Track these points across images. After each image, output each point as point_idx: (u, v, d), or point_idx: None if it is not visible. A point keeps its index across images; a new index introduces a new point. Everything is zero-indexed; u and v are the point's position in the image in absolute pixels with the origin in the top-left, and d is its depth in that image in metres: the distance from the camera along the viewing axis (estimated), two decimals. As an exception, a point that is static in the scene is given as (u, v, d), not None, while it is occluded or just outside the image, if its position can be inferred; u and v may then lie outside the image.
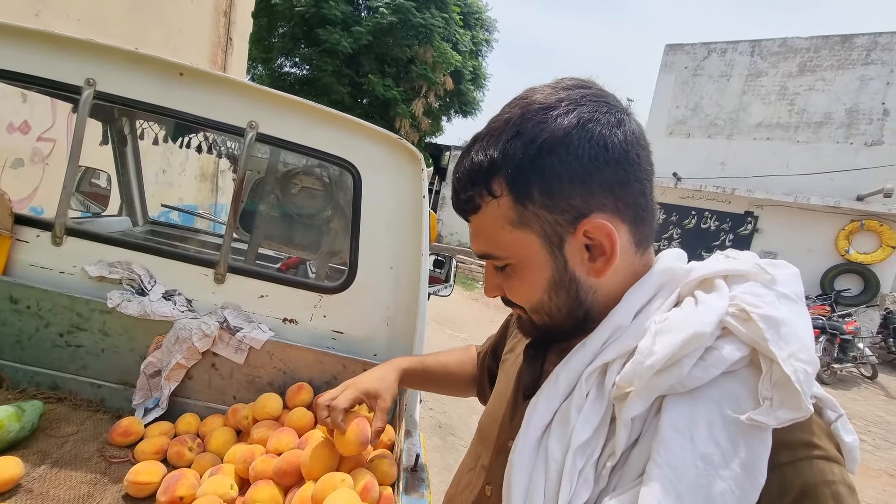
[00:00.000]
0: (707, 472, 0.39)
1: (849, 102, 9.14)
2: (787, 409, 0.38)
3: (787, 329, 0.41)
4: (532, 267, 0.50)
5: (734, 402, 0.41)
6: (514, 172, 0.46)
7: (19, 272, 1.22)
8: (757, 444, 0.39)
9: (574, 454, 0.45)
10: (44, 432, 1.08)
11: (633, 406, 0.43)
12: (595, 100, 0.47)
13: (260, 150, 1.57)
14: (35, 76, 1.16)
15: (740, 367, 0.42)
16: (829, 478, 0.39)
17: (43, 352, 1.20)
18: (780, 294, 0.45)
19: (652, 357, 0.42)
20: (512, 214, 0.48)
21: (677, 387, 0.42)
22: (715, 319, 0.43)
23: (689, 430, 0.40)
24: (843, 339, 6.54)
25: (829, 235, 9.06)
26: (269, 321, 1.28)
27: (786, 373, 0.39)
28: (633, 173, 0.48)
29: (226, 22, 4.84)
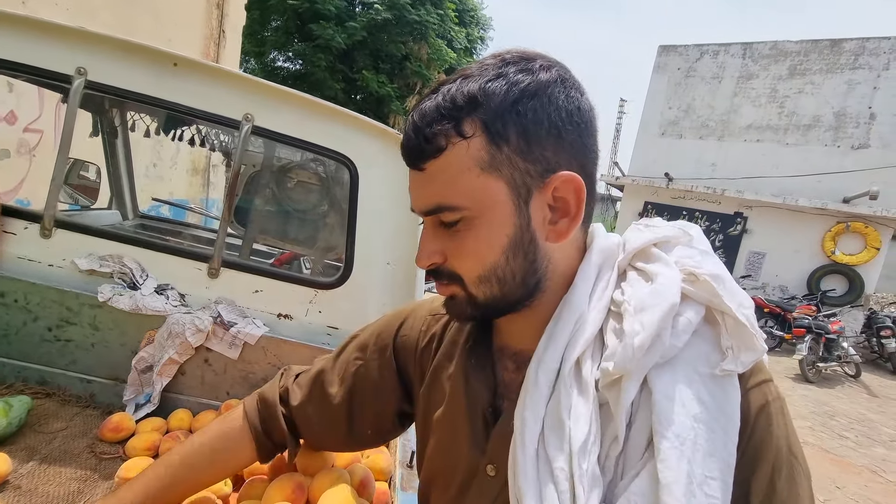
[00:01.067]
0: (700, 430, 0.41)
1: (837, 106, 9.28)
2: (747, 352, 0.43)
3: (730, 283, 0.45)
4: (493, 220, 0.46)
5: (704, 359, 0.44)
6: (493, 110, 0.43)
7: (6, 265, 1.19)
8: (730, 389, 0.43)
9: (578, 456, 0.44)
10: (32, 428, 1.06)
11: (628, 390, 0.43)
12: (566, 68, 0.48)
13: (254, 144, 1.55)
14: (24, 64, 1.14)
15: (700, 327, 0.46)
16: (770, 397, 0.46)
17: (31, 346, 1.18)
18: (702, 251, 0.49)
19: (639, 336, 0.43)
20: (484, 156, 0.44)
21: (660, 360, 0.44)
22: (678, 288, 0.45)
23: (679, 396, 0.42)
24: (828, 339, 6.65)
25: (816, 237, 9.20)
26: (263, 316, 1.26)
27: (740, 321, 0.43)
28: (593, 143, 0.48)
29: (219, 14, 4.77)
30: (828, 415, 5.16)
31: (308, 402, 0.71)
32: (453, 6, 13.86)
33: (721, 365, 0.43)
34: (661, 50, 11.23)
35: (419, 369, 0.66)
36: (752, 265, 9.90)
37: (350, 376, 0.70)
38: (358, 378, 0.70)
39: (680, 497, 0.39)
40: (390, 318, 0.73)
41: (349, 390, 0.70)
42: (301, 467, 0.88)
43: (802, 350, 6.28)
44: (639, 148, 11.51)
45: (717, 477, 0.41)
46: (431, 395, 0.62)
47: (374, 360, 0.69)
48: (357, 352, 0.71)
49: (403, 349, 0.68)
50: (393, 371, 0.68)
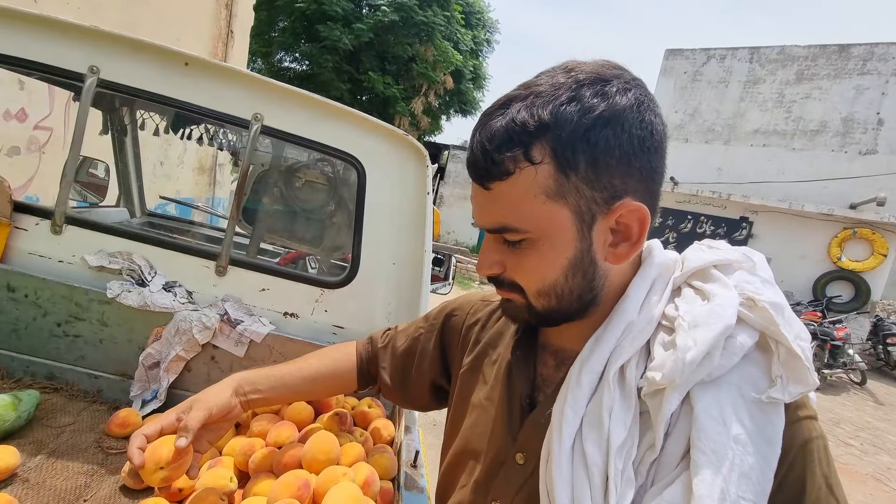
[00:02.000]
0: (739, 451, 0.42)
1: (844, 111, 9.23)
2: (797, 384, 0.43)
3: (788, 312, 0.45)
4: (556, 244, 0.47)
5: (751, 383, 0.45)
6: (564, 138, 0.43)
7: (17, 260, 1.21)
8: (774, 418, 0.44)
9: (615, 456, 0.45)
10: (40, 422, 1.06)
11: (671, 401, 0.44)
12: (644, 86, 0.47)
13: (263, 144, 1.56)
14: (38, 62, 1.15)
15: (751, 352, 0.46)
16: (814, 434, 0.45)
17: (40, 341, 1.19)
18: (763, 279, 0.49)
19: (691, 351, 0.43)
20: (550, 184, 0.44)
21: (706, 378, 0.44)
22: (735, 310, 0.45)
23: (721, 416, 0.43)
24: (833, 345, 6.60)
25: (822, 242, 9.14)
26: (269, 315, 1.27)
27: (795, 352, 0.43)
28: (662, 164, 0.48)
29: (227, 14, 4.80)
30: (832, 422, 5.12)
31: (384, 347, 0.83)
32: (460, 8, 13.88)
33: (768, 392, 0.43)
34: (667, 54, 11.21)
35: (461, 349, 0.71)
36: (757, 270, 9.84)
37: (411, 339, 0.80)
38: (414, 343, 0.79)
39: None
40: (454, 299, 0.81)
41: (406, 351, 0.80)
42: (306, 464, 0.89)
43: (807, 356, 6.24)
44: (644, 151, 11.46)
45: (751, 500, 0.41)
46: (472, 376, 0.66)
47: (429, 332, 0.78)
48: (423, 321, 0.81)
49: (451, 328, 0.75)
50: (437, 345, 0.76)
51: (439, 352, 0.76)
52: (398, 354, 0.81)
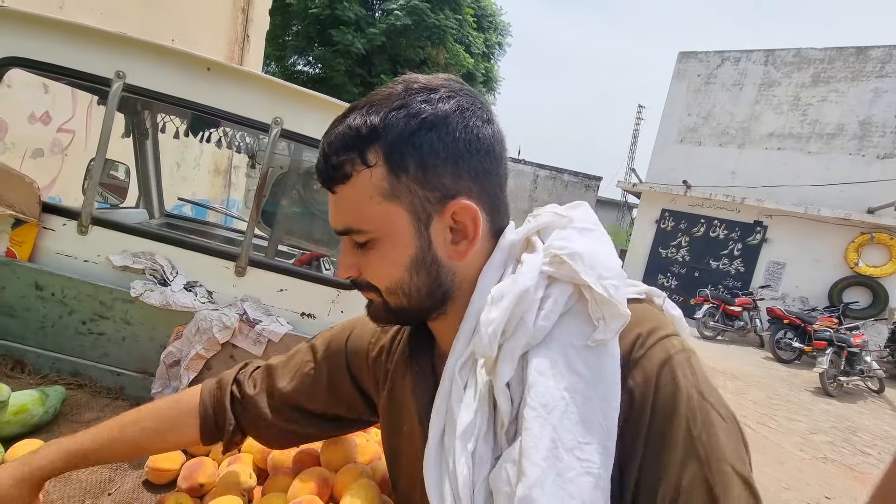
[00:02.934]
0: (575, 399, 0.43)
1: (862, 114, 9.07)
2: (614, 320, 0.45)
3: (588, 258, 0.47)
4: (396, 243, 0.50)
5: (578, 333, 0.46)
6: (392, 141, 0.47)
7: (45, 259, 1.24)
8: (606, 358, 0.45)
9: (460, 441, 0.47)
10: (66, 417, 1.09)
11: (502, 372, 0.46)
12: (469, 95, 0.50)
13: (280, 147, 1.59)
14: (67, 68, 1.19)
15: (573, 304, 0.48)
16: (672, 351, 0.46)
17: (65, 338, 1.22)
18: (580, 229, 0.51)
19: (492, 325, 0.46)
20: (384, 185, 0.48)
21: (531, 341, 0.46)
22: (534, 273, 0.47)
23: (551, 370, 0.45)
24: (850, 352, 6.47)
25: (839, 247, 8.99)
26: (287, 315, 1.29)
27: (600, 292, 0.45)
28: (496, 167, 0.51)
29: (243, 19, 4.88)
30: (849, 430, 5.02)
31: (257, 394, 0.73)
32: (472, 11, 13.92)
33: (592, 336, 0.45)
34: (680, 56, 11.12)
35: (373, 379, 0.69)
36: (771, 275, 9.70)
37: (299, 376, 0.73)
38: (307, 380, 0.72)
39: (539, 461, 0.42)
40: (339, 329, 0.76)
41: (293, 390, 0.72)
42: (325, 462, 0.90)
43: (823, 363, 6.12)
44: (657, 154, 11.40)
45: (594, 441, 0.43)
46: (392, 405, 0.65)
47: (324, 366, 0.72)
48: (308, 355, 0.74)
49: (356, 356, 0.71)
50: (346, 377, 0.71)
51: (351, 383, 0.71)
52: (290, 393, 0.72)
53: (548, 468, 0.41)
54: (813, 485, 3.51)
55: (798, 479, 3.55)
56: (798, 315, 7.71)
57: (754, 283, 9.69)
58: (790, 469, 3.72)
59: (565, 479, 0.41)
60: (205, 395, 0.75)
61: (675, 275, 10.74)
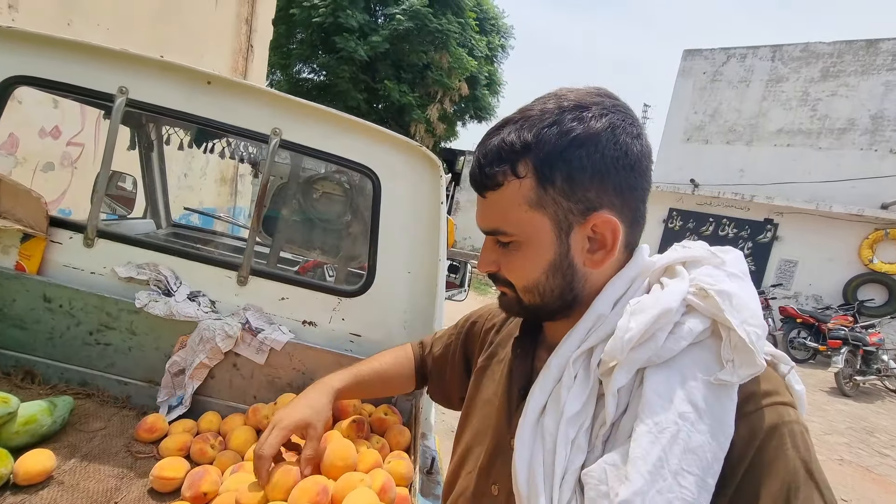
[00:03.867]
0: (685, 427, 0.45)
1: (873, 108, 8.93)
2: (746, 367, 0.46)
3: (737, 300, 0.48)
4: (537, 247, 0.54)
5: (703, 366, 0.48)
6: (543, 157, 0.50)
7: (53, 272, 1.27)
8: (725, 400, 0.46)
9: (566, 424, 0.51)
10: (74, 427, 1.12)
11: (617, 378, 0.49)
12: (621, 111, 0.53)
13: (281, 157, 1.61)
14: (72, 84, 1.22)
15: (705, 338, 0.49)
16: (787, 418, 0.46)
17: (73, 349, 1.25)
18: (729, 273, 0.52)
19: (629, 332, 0.48)
20: (532, 195, 0.52)
21: (654, 358, 0.48)
22: (679, 297, 0.50)
23: (668, 394, 0.46)
24: (866, 351, 6.36)
25: (853, 244, 8.84)
26: (289, 323, 1.31)
27: (740, 336, 0.46)
28: (641, 181, 0.54)
29: (247, 30, 4.95)
30: (866, 431, 4.92)
31: (429, 354, 0.95)
32: (474, 15, 13.95)
33: (717, 374, 0.46)
34: (685, 54, 11.05)
35: (479, 346, 0.80)
36: (783, 273, 9.57)
37: (444, 346, 0.91)
38: (446, 350, 0.91)
39: (644, 472, 0.44)
40: (476, 310, 0.90)
41: (440, 358, 0.91)
42: (325, 470, 0.91)
43: (838, 362, 6.02)
44: (663, 154, 11.32)
45: (696, 474, 0.44)
46: (484, 374, 0.74)
47: (456, 340, 0.89)
48: (454, 328, 0.92)
49: (473, 335, 0.85)
50: (462, 353, 0.87)
51: (463, 359, 0.86)
52: (436, 360, 0.93)
53: (651, 482, 0.43)
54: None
55: (813, 481, 3.48)
56: (812, 314, 7.60)
57: (766, 281, 9.55)
58: (805, 471, 3.65)
59: (665, 498, 0.43)
60: (414, 349, 0.98)
61: (685, 274, 10.61)
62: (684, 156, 10.87)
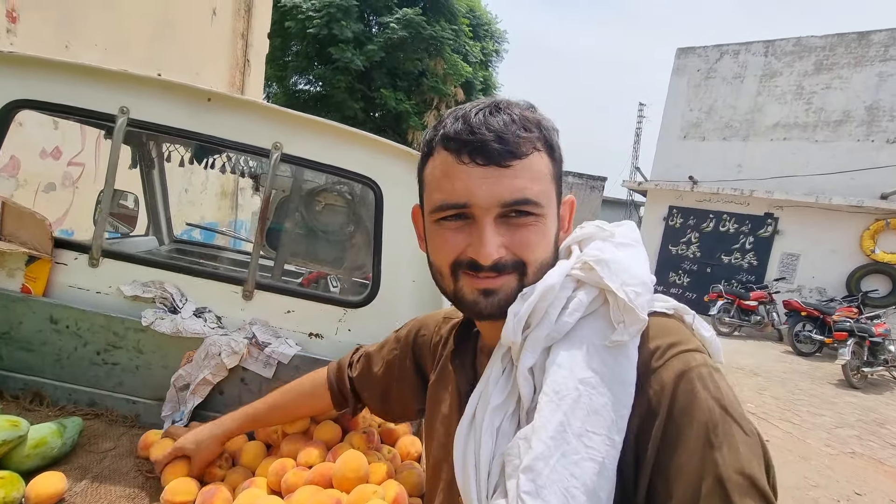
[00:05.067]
0: (587, 391, 0.47)
1: (868, 100, 8.96)
2: (633, 324, 0.49)
3: (616, 265, 0.51)
4: (552, 220, 0.57)
5: (599, 333, 0.51)
6: (549, 138, 0.56)
7: (59, 293, 1.27)
8: (622, 358, 0.49)
9: (490, 414, 0.54)
10: (83, 448, 1.11)
11: (524, 359, 0.52)
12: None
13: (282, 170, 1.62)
14: (74, 107, 1.23)
15: (598, 307, 0.52)
16: (693, 364, 0.48)
17: (81, 370, 1.25)
18: (618, 243, 0.56)
19: (518, 314, 0.52)
20: (551, 169, 0.57)
21: (554, 334, 0.51)
22: (560, 274, 0.53)
23: (569, 363, 0.49)
24: (872, 342, 6.33)
25: (854, 235, 8.83)
26: (295, 336, 1.30)
27: (621, 297, 0.49)
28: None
29: (243, 44, 4.99)
30: (877, 423, 4.89)
31: (360, 375, 0.95)
32: (467, 21, 14.05)
33: (611, 336, 0.49)
34: (679, 52, 11.11)
35: (430, 362, 0.82)
36: (785, 267, 9.55)
37: (386, 362, 0.91)
38: (390, 364, 0.90)
39: (546, 439, 0.46)
40: (418, 319, 0.92)
41: (383, 374, 0.91)
42: (337, 483, 0.91)
43: (845, 355, 5.99)
44: (661, 152, 11.35)
45: (601, 433, 0.46)
46: (438, 389, 0.75)
47: (401, 352, 0.89)
48: (395, 342, 0.92)
49: (421, 345, 0.86)
50: (412, 364, 0.87)
51: (416, 370, 0.87)
52: (376, 378, 0.92)
53: (554, 447, 0.46)
54: (842, 481, 3.41)
55: (826, 476, 3.45)
56: (816, 306, 7.57)
57: (768, 276, 9.54)
58: (817, 465, 3.63)
59: (570, 460, 0.45)
60: (330, 375, 0.99)
61: (687, 272, 10.62)
62: (682, 153, 10.89)
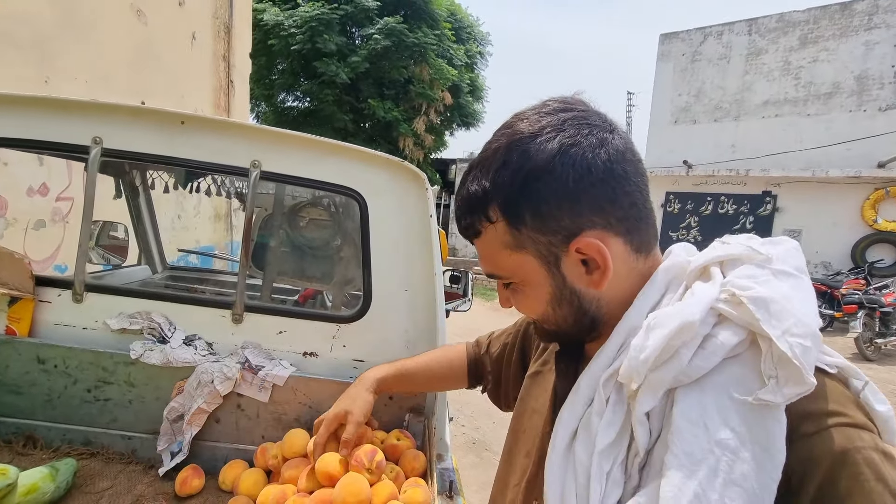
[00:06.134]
0: (725, 457, 0.39)
1: (857, 69, 8.93)
2: (792, 385, 0.39)
3: (777, 306, 0.41)
4: (533, 284, 0.53)
5: (741, 384, 0.41)
6: (504, 200, 0.49)
7: (44, 332, 1.24)
8: (770, 422, 0.39)
9: (599, 457, 0.46)
10: (79, 489, 1.08)
11: (642, 401, 0.44)
12: (576, 123, 0.48)
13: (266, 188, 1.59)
14: (46, 141, 1.20)
15: (742, 351, 0.43)
16: (859, 444, 0.39)
17: (73, 409, 1.22)
18: (776, 271, 0.45)
19: (644, 352, 0.43)
20: (508, 239, 0.51)
21: (682, 378, 0.43)
22: (703, 307, 0.44)
23: (702, 418, 0.41)
24: (883, 313, 6.27)
25: (854, 206, 8.78)
26: (289, 356, 1.27)
27: (781, 349, 0.39)
28: (621, 188, 0.49)
29: (226, 66, 4.99)
30: (894, 394, 4.83)
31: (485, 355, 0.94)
32: (449, 25, 14.09)
33: (757, 393, 0.40)
34: (662, 38, 11.11)
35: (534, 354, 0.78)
36: (788, 244, 9.49)
37: (501, 346, 0.90)
38: (503, 349, 0.90)
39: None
40: None
41: (497, 358, 0.90)
42: (338, 508, 0.87)
43: (856, 327, 5.93)
44: (653, 138, 11.33)
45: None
46: (535, 381, 0.72)
47: (513, 338, 0.88)
48: (512, 328, 0.91)
49: (530, 335, 0.84)
50: (519, 353, 0.85)
51: (520, 359, 0.85)
52: (493, 360, 0.92)
53: None
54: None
55: (848, 453, 3.39)
56: (823, 281, 7.51)
57: (772, 254, 9.48)
58: (838, 443, 3.56)
59: None
60: (469, 352, 0.97)
61: (690, 256, 10.56)
62: (674, 138, 10.86)
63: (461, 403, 3.92)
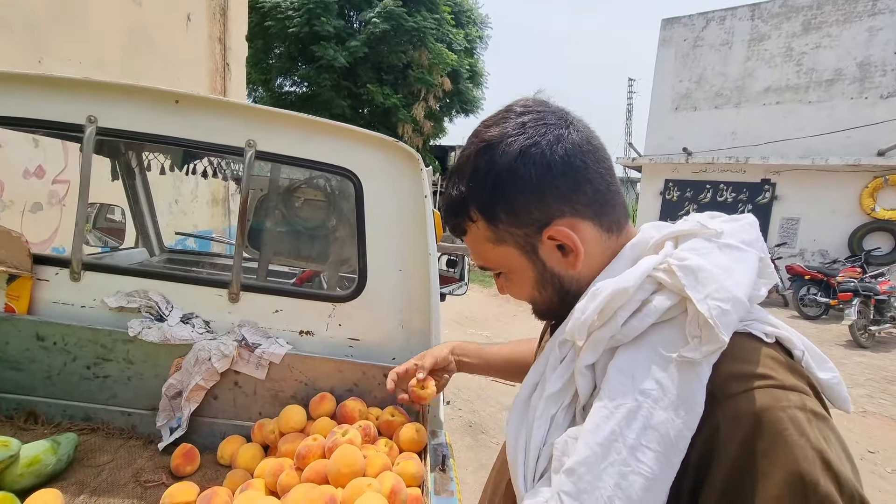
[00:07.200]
0: (646, 404, 0.44)
1: (859, 56, 8.84)
2: (710, 343, 0.43)
3: (705, 274, 0.45)
4: (519, 272, 0.59)
5: (670, 343, 0.46)
6: (480, 202, 0.55)
7: (43, 310, 1.26)
8: (691, 377, 0.43)
9: (546, 401, 0.53)
10: (80, 463, 1.11)
11: (583, 357, 0.50)
12: (535, 124, 0.54)
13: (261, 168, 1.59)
14: (40, 119, 1.20)
15: (676, 315, 0.47)
16: (784, 403, 0.41)
17: (73, 385, 1.24)
18: (722, 245, 0.50)
19: (585, 313, 0.50)
20: (489, 234, 0.57)
21: (620, 337, 0.48)
22: (638, 276, 0.48)
23: (631, 370, 0.46)
24: (878, 300, 6.31)
25: (853, 194, 8.77)
26: (286, 335, 1.29)
27: (700, 311, 0.43)
28: (582, 177, 0.53)
29: (221, 49, 4.93)
30: (886, 380, 4.89)
31: None
32: (448, 9, 13.88)
33: (680, 351, 0.44)
34: (664, 23, 10.96)
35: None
36: (786, 232, 9.51)
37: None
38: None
39: (594, 445, 0.45)
40: None
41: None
42: (332, 479, 0.89)
43: (851, 315, 5.97)
44: (653, 125, 11.26)
45: (657, 450, 0.43)
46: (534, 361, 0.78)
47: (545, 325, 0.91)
48: None
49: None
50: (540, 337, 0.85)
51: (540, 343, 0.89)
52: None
53: (601, 454, 0.44)
54: (854, 440, 3.41)
55: (837, 436, 3.45)
56: (819, 269, 7.54)
57: (769, 241, 9.49)
58: (828, 426, 3.62)
59: (617, 470, 0.43)
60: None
61: (688, 244, 10.57)
62: (674, 125, 10.79)
63: (458, 387, 3.97)
